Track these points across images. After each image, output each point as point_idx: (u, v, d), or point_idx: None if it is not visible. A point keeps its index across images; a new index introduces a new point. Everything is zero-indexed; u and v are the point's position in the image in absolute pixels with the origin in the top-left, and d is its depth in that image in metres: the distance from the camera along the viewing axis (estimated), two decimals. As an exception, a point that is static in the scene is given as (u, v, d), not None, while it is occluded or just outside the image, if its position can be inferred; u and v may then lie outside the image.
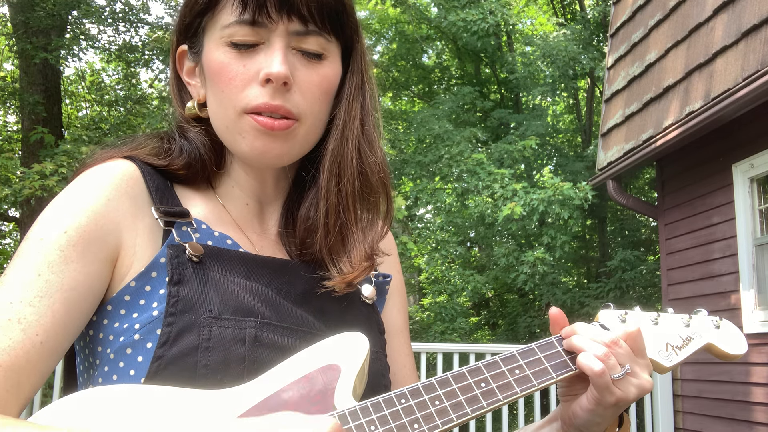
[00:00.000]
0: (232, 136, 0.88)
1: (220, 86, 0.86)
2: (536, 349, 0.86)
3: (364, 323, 0.92)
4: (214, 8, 0.87)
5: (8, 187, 8.22)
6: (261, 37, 0.85)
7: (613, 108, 6.44)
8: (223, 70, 0.86)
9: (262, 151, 0.86)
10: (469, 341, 12.05)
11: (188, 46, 0.93)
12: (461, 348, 5.53)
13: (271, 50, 0.85)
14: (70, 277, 0.78)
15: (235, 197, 0.95)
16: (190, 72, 0.94)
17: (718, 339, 0.97)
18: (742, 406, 4.83)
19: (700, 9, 5.04)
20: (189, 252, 0.83)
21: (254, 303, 0.83)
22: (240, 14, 0.84)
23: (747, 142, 4.85)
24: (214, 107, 0.89)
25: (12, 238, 15.33)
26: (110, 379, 0.80)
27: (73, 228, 0.80)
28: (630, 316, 0.94)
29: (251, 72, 0.85)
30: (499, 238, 13.80)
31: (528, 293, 13.51)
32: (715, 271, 5.23)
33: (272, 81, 0.84)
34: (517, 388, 0.81)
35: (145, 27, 11.97)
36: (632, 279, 11.86)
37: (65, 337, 0.78)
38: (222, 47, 0.86)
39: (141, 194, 0.87)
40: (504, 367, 0.83)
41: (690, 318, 0.97)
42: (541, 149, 13.69)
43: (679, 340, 0.94)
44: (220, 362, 0.77)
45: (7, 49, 12.74)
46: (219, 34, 0.86)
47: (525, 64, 12.98)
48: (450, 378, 0.81)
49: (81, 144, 8.77)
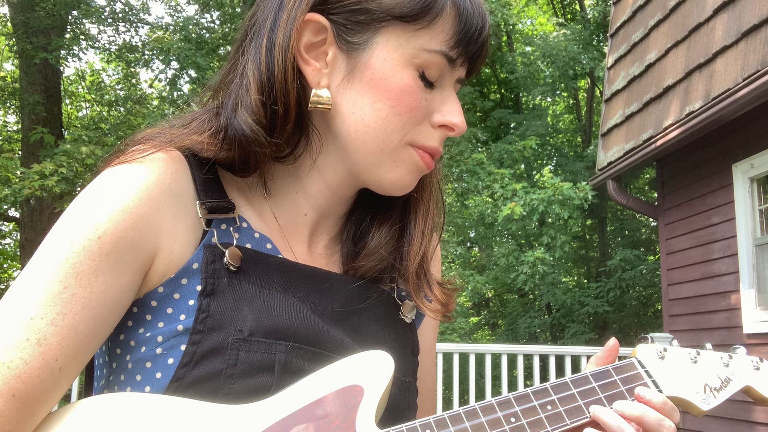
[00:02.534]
0: (383, 160, 0.80)
1: (398, 109, 0.78)
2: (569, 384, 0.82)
3: (399, 344, 0.86)
4: (421, 20, 0.77)
5: (8, 187, 8.22)
6: (441, 76, 0.81)
7: (613, 108, 6.44)
8: (407, 95, 0.78)
9: (407, 186, 0.83)
10: (469, 341, 12.06)
11: (333, 22, 0.79)
12: (461, 348, 5.53)
13: (449, 95, 0.82)
14: (100, 292, 0.69)
15: (295, 204, 0.85)
16: (313, 50, 0.79)
17: (758, 382, 0.92)
18: (742, 406, 4.83)
19: (700, 9, 5.04)
20: (227, 260, 0.75)
21: (289, 323, 0.76)
22: (450, 49, 0.78)
23: (747, 142, 4.85)
24: (371, 122, 0.78)
25: (12, 238, 15.34)
26: (124, 391, 0.74)
27: (109, 233, 0.70)
28: (669, 352, 0.89)
29: (428, 109, 0.80)
30: (499, 238, 13.80)
31: (528, 293, 13.52)
32: (715, 271, 5.23)
33: (452, 130, 0.82)
34: (549, 427, 0.77)
35: (145, 27, 11.98)
36: (632, 279, 11.87)
37: (84, 359, 0.70)
38: (410, 69, 0.78)
39: (186, 187, 0.77)
40: (535, 401, 0.78)
41: (730, 357, 0.93)
42: (541, 149, 13.70)
43: (717, 382, 0.90)
44: (242, 390, 0.71)
45: (7, 49, 12.75)
46: (413, 52, 0.78)
47: (525, 64, 12.99)
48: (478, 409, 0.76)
49: (81, 144, 8.76)
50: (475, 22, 0.79)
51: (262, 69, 0.78)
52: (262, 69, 0.78)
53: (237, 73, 0.81)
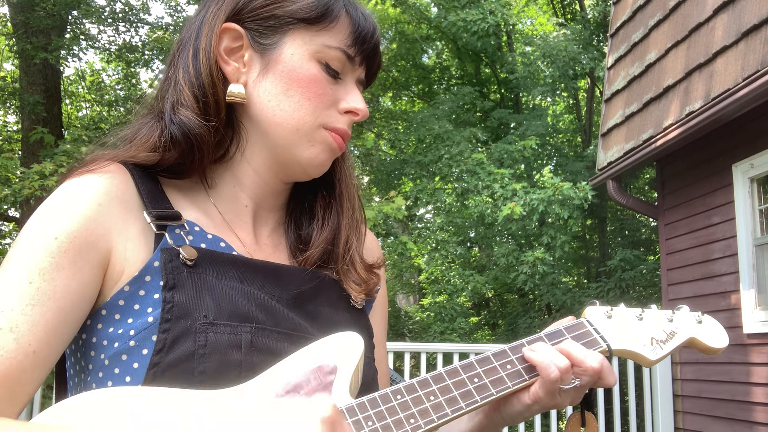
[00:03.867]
0: (299, 139, 0.93)
1: (307, 94, 0.92)
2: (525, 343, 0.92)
3: (355, 327, 0.94)
4: (321, 22, 0.92)
5: (8, 187, 8.22)
6: (342, 72, 0.95)
7: (613, 108, 6.44)
8: (315, 83, 0.92)
9: (322, 163, 0.96)
10: (469, 341, 12.05)
11: (248, 29, 0.93)
12: (461, 348, 5.53)
13: (351, 87, 0.96)
14: (62, 285, 0.78)
15: (234, 197, 0.96)
16: (232, 53, 0.93)
17: (701, 333, 1.01)
18: (742, 406, 4.83)
19: (700, 9, 5.04)
20: (183, 256, 0.83)
21: (249, 307, 0.84)
22: (348, 46, 0.94)
23: (747, 142, 4.85)
24: (286, 106, 0.92)
25: (12, 238, 15.33)
26: (105, 385, 0.80)
27: (64, 234, 0.80)
28: (615, 312, 0.98)
29: (334, 97, 0.94)
30: (499, 238, 13.80)
31: (528, 293, 13.51)
32: (715, 271, 5.23)
33: (356, 115, 0.95)
34: (509, 383, 0.86)
35: (145, 27, 11.97)
36: (632, 279, 11.86)
37: (57, 346, 0.78)
38: (314, 62, 0.92)
39: (132, 198, 0.87)
40: (496, 362, 0.88)
41: (673, 314, 1.01)
42: (541, 149, 13.69)
43: (663, 335, 0.98)
44: (216, 368, 0.78)
45: (7, 49, 12.74)
46: (316, 48, 0.92)
47: (525, 64, 12.98)
48: (444, 374, 0.84)
49: (81, 144, 8.77)
50: (367, 27, 0.95)
51: (191, 71, 0.92)
52: (190, 71, 0.92)
53: (170, 82, 0.94)
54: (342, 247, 0.99)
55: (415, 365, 10.48)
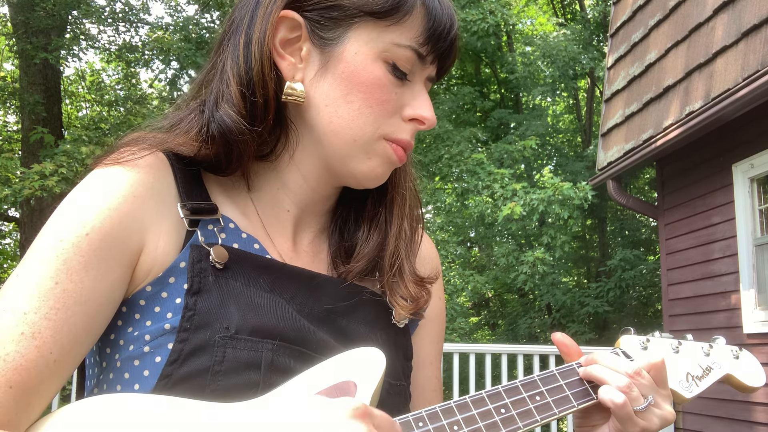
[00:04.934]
0: (356, 151, 0.82)
1: (369, 101, 0.81)
2: (557, 375, 0.84)
3: (390, 348, 0.86)
4: (392, 17, 0.80)
5: (8, 187, 8.22)
6: (411, 72, 0.84)
7: (613, 108, 6.44)
8: (378, 88, 0.81)
9: (378, 177, 0.85)
10: (469, 341, 12.05)
11: (308, 18, 0.81)
12: (461, 348, 5.52)
13: (419, 90, 0.85)
14: (90, 287, 0.71)
15: (278, 201, 0.87)
16: (288, 45, 0.82)
17: (737, 370, 0.95)
18: (742, 406, 4.83)
19: (700, 9, 5.04)
20: (213, 258, 0.77)
21: (276, 322, 0.77)
22: (420, 45, 0.82)
23: (747, 142, 4.85)
24: (344, 113, 0.81)
25: (12, 238, 15.34)
26: (114, 388, 0.75)
27: (96, 230, 0.73)
28: (652, 342, 0.92)
29: (399, 102, 0.83)
30: (499, 238, 13.80)
31: (528, 293, 13.52)
32: (715, 271, 5.23)
33: (422, 124, 0.84)
34: (538, 416, 0.79)
35: (145, 27, 11.98)
36: (632, 279, 11.87)
37: (79, 353, 0.72)
38: (380, 62, 0.81)
39: (169, 188, 0.80)
40: (525, 393, 0.81)
41: (710, 347, 0.96)
42: (541, 149, 13.70)
43: (699, 370, 0.92)
44: (230, 387, 0.72)
45: (7, 49, 12.74)
46: (384, 46, 0.80)
47: (525, 64, 12.99)
48: (469, 402, 0.78)
49: (81, 144, 8.77)
50: (444, 22, 0.83)
51: (240, 63, 0.81)
52: (240, 63, 0.81)
53: (217, 70, 0.83)
54: (388, 259, 0.89)
55: (415, 365, 10.47)
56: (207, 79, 0.85)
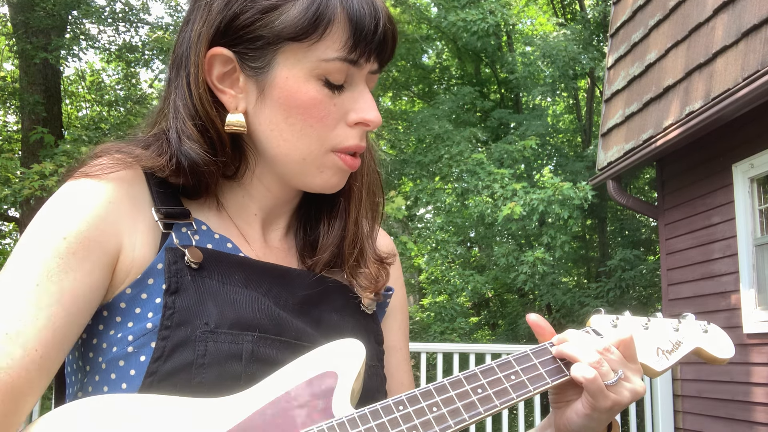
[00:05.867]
0: (307, 168, 0.86)
1: (309, 121, 0.83)
2: (531, 355, 0.87)
3: (362, 333, 0.90)
4: (312, 35, 0.80)
5: (8, 187, 8.22)
6: (348, 79, 0.85)
7: (613, 108, 6.44)
8: (315, 106, 0.82)
9: (335, 186, 0.89)
10: (469, 341, 12.05)
11: (235, 52, 0.83)
12: (461, 348, 5.53)
13: (359, 93, 0.86)
14: (70, 288, 0.74)
15: (244, 207, 0.91)
16: (226, 78, 0.85)
17: (707, 343, 0.99)
18: (742, 406, 4.83)
19: (700, 9, 5.04)
20: (188, 258, 0.80)
21: (253, 315, 0.80)
22: (348, 53, 0.82)
23: (747, 142, 4.85)
24: (288, 136, 0.84)
25: (12, 238, 15.34)
26: (101, 390, 0.77)
27: (73, 234, 0.76)
28: (621, 321, 0.96)
29: (341, 112, 0.85)
30: (499, 238, 13.80)
31: (528, 293, 13.52)
32: (715, 271, 5.23)
33: (368, 126, 0.86)
34: (513, 394, 0.82)
35: (145, 27, 11.98)
36: (632, 279, 11.86)
37: (62, 351, 0.74)
38: (312, 80, 0.82)
39: (142, 194, 0.83)
40: (500, 373, 0.83)
41: (679, 323, 0.99)
42: (541, 149, 13.69)
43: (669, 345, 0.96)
44: (214, 379, 0.75)
45: (7, 49, 12.74)
46: (312, 65, 0.81)
47: (525, 64, 12.98)
48: (447, 384, 0.80)
49: (81, 144, 8.77)
50: (367, 21, 0.82)
51: (188, 102, 0.85)
52: (187, 102, 0.85)
53: (171, 108, 0.87)
54: (348, 247, 0.94)
55: (415, 365, 10.47)
56: (165, 111, 0.89)
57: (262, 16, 0.81)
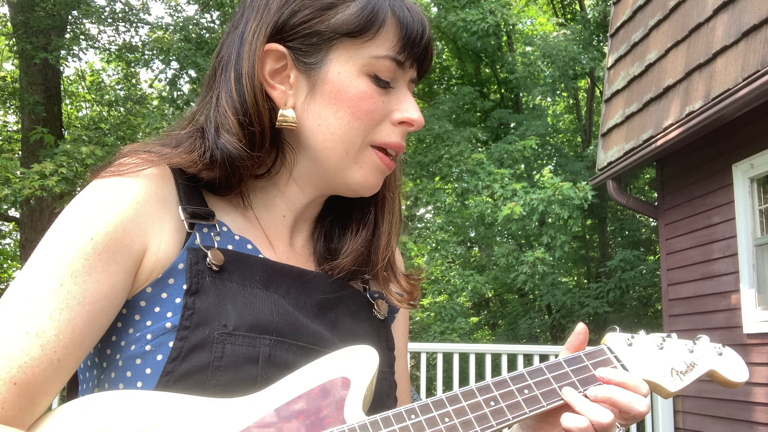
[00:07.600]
0: (348, 163, 0.89)
1: (358, 114, 0.87)
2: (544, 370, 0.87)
3: (374, 338, 0.92)
4: (367, 33, 0.86)
5: (8, 187, 8.22)
6: (393, 79, 0.89)
7: (613, 108, 6.44)
8: (364, 100, 0.87)
9: (372, 186, 0.91)
10: (469, 341, 12.05)
11: (290, 48, 0.87)
12: (461, 348, 5.53)
13: (404, 95, 0.91)
14: (93, 289, 0.74)
15: (274, 207, 0.93)
16: (277, 75, 0.88)
17: (722, 366, 0.99)
18: (742, 406, 4.83)
19: (700, 9, 5.04)
20: (210, 260, 0.81)
21: (271, 318, 0.81)
22: (397, 53, 0.87)
23: (747, 142, 4.85)
24: (336, 130, 0.87)
25: (12, 238, 15.35)
26: (116, 387, 0.78)
27: (101, 235, 0.76)
28: (636, 339, 0.95)
29: (387, 109, 0.89)
30: (499, 238, 13.80)
31: (528, 293, 13.52)
32: (715, 271, 5.23)
33: (411, 125, 0.90)
34: (526, 409, 0.82)
35: (145, 27, 11.98)
36: (632, 279, 11.86)
37: (81, 353, 0.74)
38: (363, 76, 0.87)
39: (170, 194, 0.84)
40: (513, 386, 0.83)
41: (694, 344, 0.99)
42: (541, 149, 13.70)
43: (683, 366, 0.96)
44: (230, 381, 0.75)
45: (7, 49, 12.74)
46: (364, 61, 0.86)
47: (525, 64, 12.98)
48: (459, 395, 0.81)
49: (81, 144, 8.77)
50: (416, 28, 0.89)
51: (234, 96, 0.86)
52: (234, 96, 0.86)
53: (212, 104, 0.89)
54: (382, 253, 0.95)
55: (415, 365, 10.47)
56: (202, 109, 0.91)
57: (321, 12, 0.86)
